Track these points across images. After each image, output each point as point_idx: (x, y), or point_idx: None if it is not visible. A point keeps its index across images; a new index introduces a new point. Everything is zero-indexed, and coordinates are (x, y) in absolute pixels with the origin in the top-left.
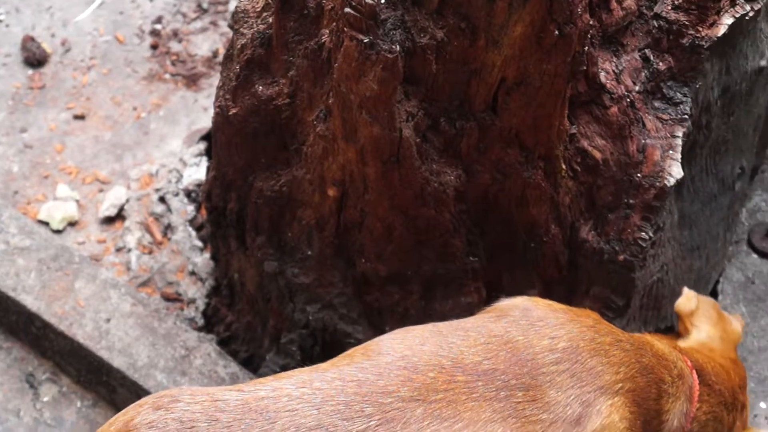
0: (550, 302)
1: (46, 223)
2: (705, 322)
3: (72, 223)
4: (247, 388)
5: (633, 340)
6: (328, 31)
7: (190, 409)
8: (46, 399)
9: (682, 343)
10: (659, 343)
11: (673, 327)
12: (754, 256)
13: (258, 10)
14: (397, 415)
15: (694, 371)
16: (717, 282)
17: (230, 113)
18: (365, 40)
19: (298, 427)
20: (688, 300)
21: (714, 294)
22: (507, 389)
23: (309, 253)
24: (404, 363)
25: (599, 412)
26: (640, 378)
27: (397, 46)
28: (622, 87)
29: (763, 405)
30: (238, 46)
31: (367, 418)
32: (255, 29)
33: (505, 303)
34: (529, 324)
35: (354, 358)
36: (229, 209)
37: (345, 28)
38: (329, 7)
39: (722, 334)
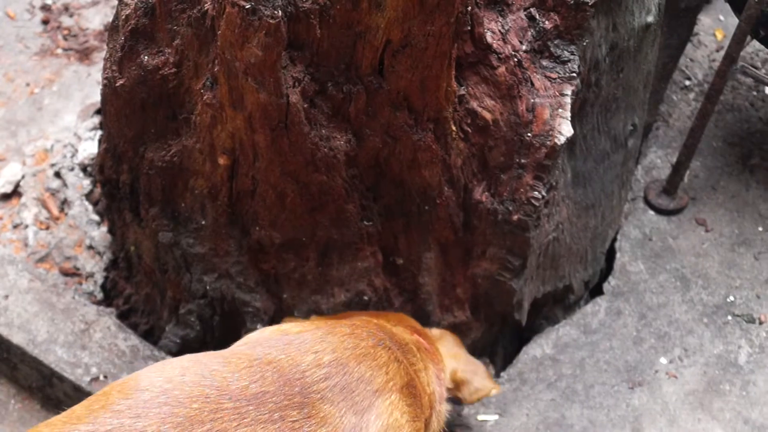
0: (302, 322)
1: None
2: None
3: None
4: None
5: (389, 337)
6: None
7: None
8: None
9: None
10: (394, 329)
11: (571, 285)
12: (651, 212)
13: None
14: None
15: (415, 334)
16: (614, 240)
17: (117, 84)
18: (247, 6)
19: None
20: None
21: (612, 251)
22: (280, 410)
23: (203, 222)
24: (165, 398)
25: (379, 415)
26: (405, 370)
27: (280, 11)
28: (509, 47)
29: (663, 360)
30: (123, 17)
31: None
32: None
33: (251, 336)
34: (287, 343)
35: (110, 397)
36: (121, 181)
37: None
38: None
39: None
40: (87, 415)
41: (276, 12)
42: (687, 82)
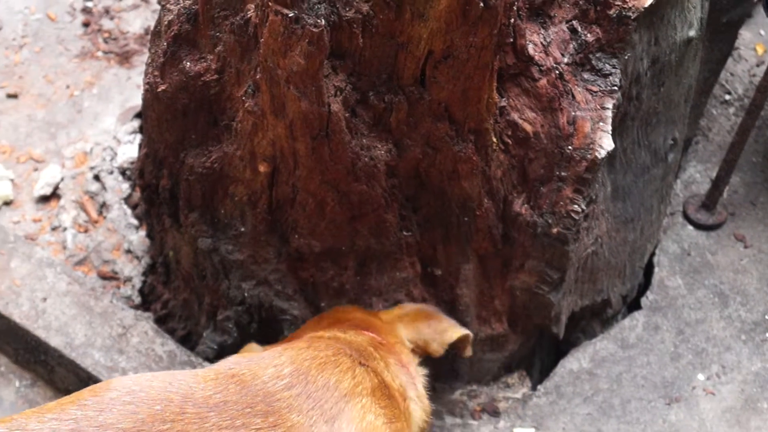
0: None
1: None
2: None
3: (7, 203)
4: None
5: (347, 343)
6: (253, 6)
7: None
8: None
9: None
10: (347, 336)
11: (609, 299)
12: (690, 227)
13: None
14: None
15: (365, 332)
16: (653, 254)
17: (159, 90)
18: (290, 15)
19: None
20: None
21: (650, 266)
22: (243, 417)
23: (242, 229)
24: (130, 398)
25: (351, 420)
26: (372, 372)
27: (323, 20)
28: (551, 59)
29: (701, 377)
30: (165, 23)
31: None
32: (181, 5)
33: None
34: (249, 360)
35: (81, 395)
36: (161, 186)
37: (270, 3)
38: None
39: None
40: (56, 408)
41: (319, 21)
42: (727, 97)
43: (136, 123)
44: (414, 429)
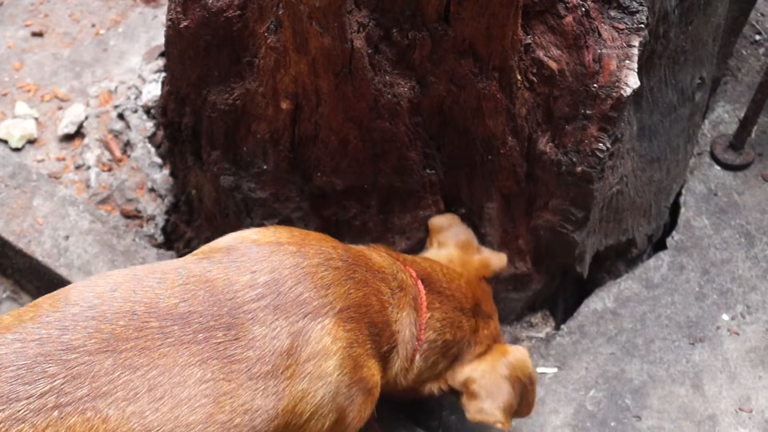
0: (257, 236)
1: (5, 141)
2: (452, 244)
3: (31, 141)
4: None
5: (346, 256)
6: None
7: None
8: None
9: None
10: (377, 256)
11: (634, 239)
12: (717, 168)
13: None
14: (84, 370)
15: (419, 281)
16: (679, 194)
17: (181, 26)
18: None
19: None
20: (443, 218)
21: (676, 206)
22: (205, 331)
23: (265, 167)
24: (92, 313)
25: (309, 339)
26: (355, 293)
27: None
28: None
29: (725, 317)
30: None
31: (51, 378)
32: None
33: (210, 244)
34: (230, 261)
35: (39, 309)
36: (184, 124)
37: None
38: None
39: (465, 258)
40: (16, 325)
41: None
42: (757, 37)
43: (161, 62)
44: (393, 367)
